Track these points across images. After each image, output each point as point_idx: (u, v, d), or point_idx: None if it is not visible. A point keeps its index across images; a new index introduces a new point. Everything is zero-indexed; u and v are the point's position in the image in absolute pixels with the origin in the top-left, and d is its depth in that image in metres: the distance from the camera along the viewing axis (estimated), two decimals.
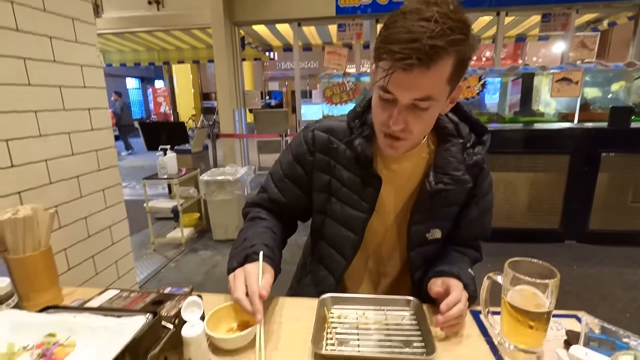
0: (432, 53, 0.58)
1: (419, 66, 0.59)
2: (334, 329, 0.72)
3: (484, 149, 0.81)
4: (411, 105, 0.66)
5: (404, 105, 0.66)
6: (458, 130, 0.82)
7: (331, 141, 0.84)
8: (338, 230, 0.86)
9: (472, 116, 0.84)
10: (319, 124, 0.87)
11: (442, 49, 0.58)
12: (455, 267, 0.80)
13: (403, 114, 0.67)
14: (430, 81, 0.62)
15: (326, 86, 3.27)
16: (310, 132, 0.86)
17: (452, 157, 0.79)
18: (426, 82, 0.62)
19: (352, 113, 0.84)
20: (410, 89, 0.63)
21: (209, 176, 3.11)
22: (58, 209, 1.01)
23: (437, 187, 0.78)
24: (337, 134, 0.84)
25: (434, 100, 0.65)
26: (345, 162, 0.83)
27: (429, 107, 0.66)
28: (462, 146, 0.81)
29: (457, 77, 0.66)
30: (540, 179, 2.91)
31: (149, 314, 0.56)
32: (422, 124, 0.70)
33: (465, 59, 0.64)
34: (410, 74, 0.61)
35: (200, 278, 2.64)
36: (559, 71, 2.91)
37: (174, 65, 10.93)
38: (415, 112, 0.67)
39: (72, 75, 1.07)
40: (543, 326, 0.63)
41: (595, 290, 2.26)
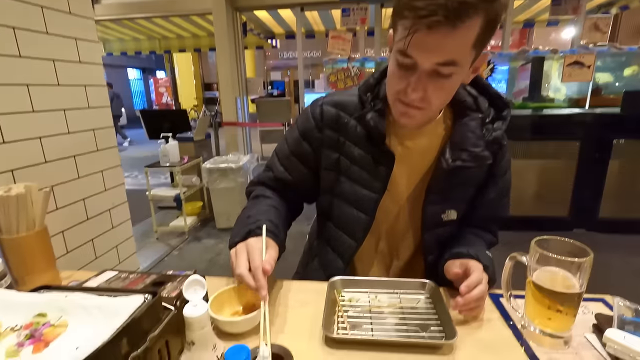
0: (461, 10, 0.52)
1: (445, 25, 0.53)
2: (346, 312, 0.68)
3: (504, 125, 0.76)
4: (432, 72, 0.60)
5: (424, 71, 0.60)
6: (477, 104, 0.76)
7: (341, 116, 0.79)
8: (348, 211, 0.82)
9: (492, 89, 0.79)
10: (328, 98, 0.82)
11: (471, 7, 0.53)
12: (473, 249, 0.76)
13: (423, 81, 0.61)
14: (456, 43, 0.57)
15: (330, 72, 3.19)
16: (318, 107, 0.81)
17: (471, 133, 0.74)
18: (451, 44, 0.56)
19: (364, 85, 0.78)
20: (433, 51, 0.57)
21: (212, 164, 3.07)
22: (54, 190, 0.97)
23: (454, 164, 0.73)
24: (347, 108, 0.79)
25: (457, 66, 0.60)
26: (356, 139, 0.78)
27: (451, 74, 0.61)
28: (481, 121, 0.76)
29: (484, 41, 0.60)
30: (549, 166, 2.84)
31: (148, 294, 0.52)
32: (443, 93, 0.65)
33: (496, 19, 0.57)
34: (435, 34, 0.55)
35: (203, 266, 2.62)
36: (570, 54, 2.82)
37: (175, 54, 10.82)
38: (436, 80, 0.61)
39: (66, 48, 1.01)
40: (573, 310, 0.58)
41: (605, 280, 2.21)
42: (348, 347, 0.60)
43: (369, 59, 3.21)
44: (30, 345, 0.41)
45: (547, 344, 0.60)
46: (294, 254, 1.01)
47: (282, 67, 13.48)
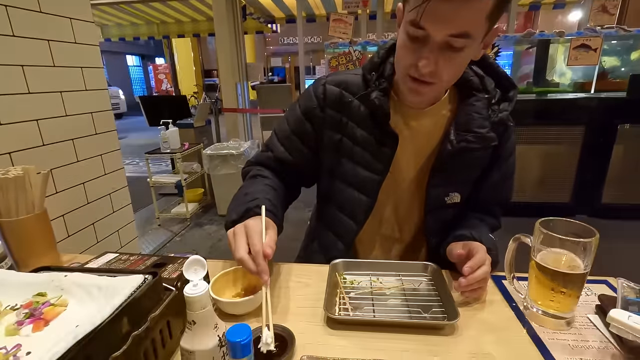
0: None
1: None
2: (347, 294, 0.68)
3: (510, 106, 0.74)
4: (444, 44, 0.58)
5: (436, 44, 0.58)
6: (483, 84, 0.74)
7: (344, 96, 0.77)
8: (349, 193, 0.80)
9: (499, 69, 0.76)
10: (332, 77, 0.80)
11: None
12: (475, 231, 0.75)
13: (434, 53, 0.59)
14: (471, 13, 0.55)
15: (331, 56, 3.14)
16: (321, 85, 0.79)
17: (477, 113, 0.72)
18: (466, 14, 0.55)
19: (369, 64, 0.76)
20: (447, 22, 0.55)
21: (212, 150, 3.05)
22: (53, 173, 0.96)
23: (459, 145, 0.72)
24: (351, 87, 0.77)
25: (470, 38, 0.58)
26: (359, 119, 0.76)
27: (463, 48, 0.59)
28: (487, 102, 0.74)
29: (498, 14, 0.59)
30: (552, 151, 2.81)
31: (149, 274, 0.52)
32: (453, 68, 0.63)
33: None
34: (450, 3, 0.53)
35: (205, 252, 2.63)
36: (577, 37, 2.76)
37: (174, 40, 10.66)
38: (447, 53, 0.59)
39: (61, 28, 0.98)
40: (577, 291, 0.58)
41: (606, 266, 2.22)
42: (350, 328, 0.60)
43: (371, 43, 3.15)
44: (30, 324, 0.41)
45: (549, 325, 0.60)
46: (296, 242, 1.00)
47: (282, 53, 13.30)
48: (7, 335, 0.40)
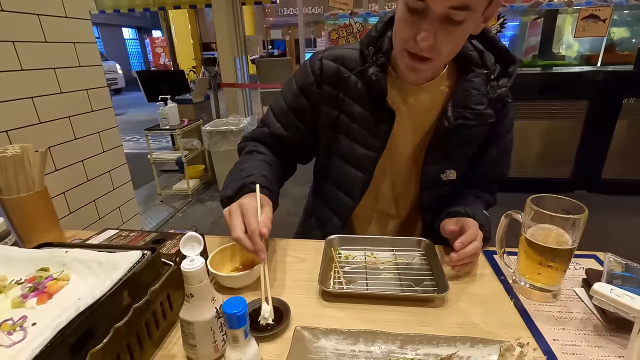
0: None
1: None
2: (342, 268, 0.70)
3: (509, 82, 0.73)
4: (443, 17, 0.57)
5: (436, 16, 0.57)
6: (483, 59, 0.73)
7: (341, 71, 0.76)
8: (345, 170, 0.81)
9: (499, 43, 0.75)
10: (328, 52, 0.78)
11: None
12: (469, 207, 0.76)
13: (434, 27, 0.58)
14: None
15: (332, 28, 3.05)
16: (317, 60, 0.78)
17: (475, 89, 0.72)
18: None
19: (366, 38, 0.75)
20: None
21: (212, 126, 3.03)
22: (52, 151, 0.97)
23: (456, 122, 0.71)
24: (348, 63, 0.76)
25: (471, 10, 0.56)
26: (356, 96, 0.75)
27: (463, 21, 0.58)
28: (486, 77, 0.73)
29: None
30: (555, 126, 2.78)
31: (147, 250, 0.54)
32: (452, 42, 0.62)
33: None
34: None
35: (207, 228, 2.68)
36: (586, 7, 2.66)
37: (170, 12, 10.34)
38: (447, 27, 0.58)
39: (51, 2, 0.96)
40: (564, 265, 0.59)
41: (604, 239, 2.25)
42: (343, 300, 0.62)
43: (373, 14, 3.05)
44: (35, 297, 0.43)
45: (536, 298, 0.62)
46: (295, 217, 1.02)
47: (282, 24, 12.91)
48: (14, 308, 0.42)
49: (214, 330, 0.48)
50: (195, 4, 6.76)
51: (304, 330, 0.52)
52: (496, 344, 0.49)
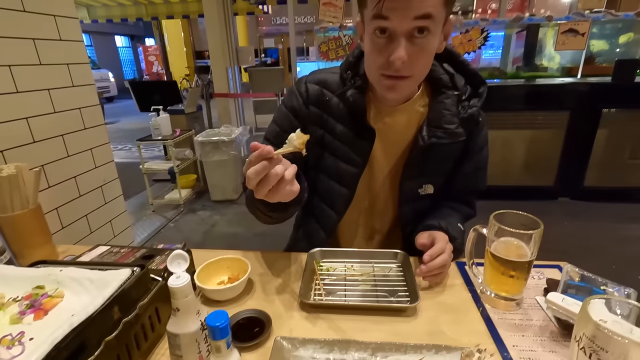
0: None
1: None
2: (323, 280, 0.74)
3: (479, 102, 0.79)
4: (410, 33, 0.62)
5: (402, 34, 0.62)
6: (453, 81, 0.79)
7: (324, 94, 0.81)
8: (330, 185, 0.86)
9: (469, 67, 0.80)
10: (312, 76, 0.84)
11: None
12: (444, 221, 0.81)
13: (403, 45, 0.62)
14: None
15: (322, 41, 3.12)
16: (303, 84, 0.83)
17: (446, 110, 0.77)
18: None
19: (345, 63, 0.80)
20: (411, 6, 0.59)
21: (204, 137, 3.07)
22: (45, 169, 1.00)
23: (430, 141, 0.77)
24: (330, 86, 0.81)
25: (433, 20, 0.61)
26: (338, 115, 0.81)
27: (428, 34, 0.63)
28: (457, 98, 0.78)
29: (450, 4, 0.64)
30: (538, 136, 2.88)
31: (137, 267, 0.57)
32: (423, 56, 0.66)
33: None
34: None
35: (199, 237, 2.70)
36: (565, 22, 2.77)
37: (163, 21, 10.40)
38: (415, 42, 0.63)
39: (46, 26, 1.00)
40: (524, 275, 0.64)
41: (584, 245, 2.33)
42: (323, 311, 0.66)
43: None
44: (32, 314, 0.47)
45: (501, 306, 0.67)
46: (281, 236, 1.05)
47: (275, 33, 13.04)
48: (12, 324, 0.45)
49: (199, 341, 0.52)
50: (188, 14, 6.85)
51: (283, 340, 0.56)
52: (458, 350, 0.53)
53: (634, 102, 2.71)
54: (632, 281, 1.91)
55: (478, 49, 2.94)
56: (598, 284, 0.65)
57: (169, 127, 3.09)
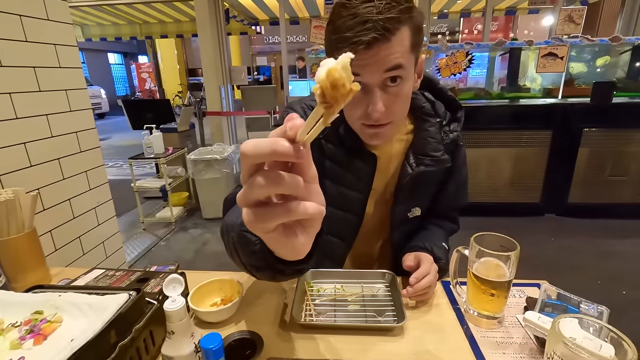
0: (389, 24, 0.58)
1: (379, 40, 0.58)
2: (313, 301, 0.77)
3: (459, 126, 0.83)
4: (383, 84, 0.64)
5: (376, 86, 0.64)
6: (435, 109, 0.83)
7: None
8: (335, 214, 0.84)
9: (446, 93, 0.85)
10: (309, 100, 0.84)
11: (395, 19, 0.58)
12: (429, 242, 0.84)
13: (379, 96, 0.64)
14: (395, 50, 0.61)
15: (313, 62, 3.21)
16: (300, 107, 0.82)
17: (431, 138, 0.80)
18: (392, 50, 0.60)
19: None
20: (379, 62, 0.61)
21: (196, 155, 3.09)
22: (40, 192, 1.01)
23: (418, 169, 0.79)
24: None
25: (404, 69, 0.63)
26: (337, 142, 0.81)
27: (401, 79, 0.64)
28: (439, 125, 0.82)
29: (418, 45, 0.66)
30: (523, 154, 2.97)
31: (133, 291, 0.59)
32: (400, 101, 0.68)
33: (419, 25, 0.64)
34: (374, 49, 0.59)
35: (190, 256, 2.69)
36: (545, 46, 2.91)
37: (157, 39, 10.54)
38: (390, 90, 0.65)
39: (46, 55, 1.04)
40: (504, 294, 0.68)
41: (570, 261, 2.38)
42: (313, 331, 0.68)
43: None
44: (31, 339, 0.48)
45: (483, 325, 0.70)
46: None
47: (268, 51, 13.28)
48: (12, 349, 0.47)
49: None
50: (182, 33, 6.97)
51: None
52: None
53: (612, 121, 2.84)
54: (618, 296, 1.98)
55: (464, 70, 3.06)
56: (573, 302, 0.68)
57: (162, 145, 3.11)
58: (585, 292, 0.70)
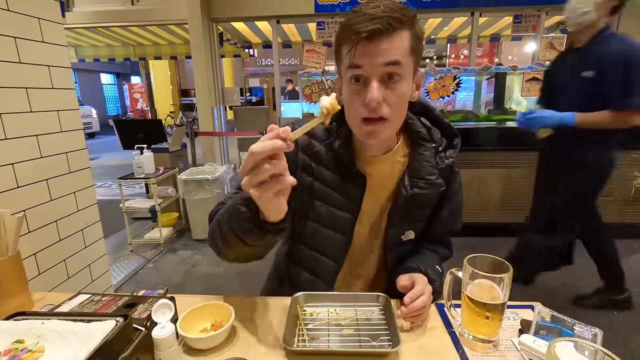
0: (392, 22, 0.64)
1: (382, 33, 0.64)
2: (306, 325, 0.75)
3: (455, 152, 0.85)
4: (383, 77, 0.68)
5: (376, 78, 0.67)
6: (430, 134, 0.85)
7: (311, 143, 0.84)
8: (325, 234, 0.85)
9: (442, 120, 0.87)
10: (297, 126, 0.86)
11: (398, 20, 0.65)
12: (423, 264, 0.84)
13: (377, 86, 0.68)
14: (395, 45, 0.66)
15: (305, 84, 3.28)
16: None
17: (426, 162, 0.82)
18: (392, 46, 0.66)
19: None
20: (379, 54, 0.66)
21: (188, 175, 3.07)
22: (27, 213, 0.99)
23: (412, 191, 0.81)
24: (317, 137, 0.84)
25: (402, 67, 0.67)
26: (327, 164, 0.82)
27: (399, 80, 0.68)
28: (434, 150, 0.84)
29: (417, 52, 0.71)
30: (511, 174, 3.02)
31: (120, 317, 0.57)
32: (396, 99, 0.70)
33: (420, 35, 0.70)
34: (376, 41, 0.65)
35: (179, 278, 2.62)
36: (528, 71, 3.03)
37: (150, 61, 10.66)
38: (388, 87, 0.68)
39: (39, 76, 1.04)
40: (498, 316, 0.67)
41: (563, 280, 2.39)
42: (306, 357, 0.66)
43: None
44: None
45: (479, 349, 0.69)
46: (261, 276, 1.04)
47: (260, 73, 13.51)
48: None
49: None
50: (176, 55, 7.06)
51: None
52: None
53: None
54: (610, 317, 1.98)
55: (452, 93, 3.15)
56: (567, 324, 0.68)
57: (152, 165, 3.08)
58: (577, 312, 0.70)
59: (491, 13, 4.27)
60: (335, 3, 4.06)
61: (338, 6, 4.06)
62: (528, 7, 3.90)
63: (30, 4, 1.01)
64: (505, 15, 4.44)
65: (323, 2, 4.06)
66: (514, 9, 3.98)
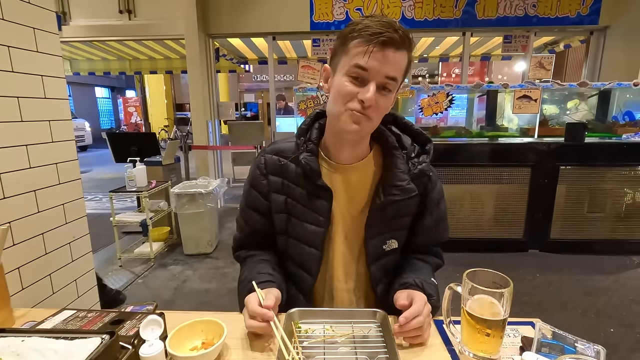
0: (403, 37, 0.69)
1: (396, 44, 0.68)
2: (301, 343, 0.72)
3: (428, 158, 0.85)
4: (379, 86, 0.72)
5: (374, 84, 0.71)
6: (400, 142, 0.86)
7: (280, 160, 0.86)
8: (300, 248, 0.87)
9: (413, 127, 0.89)
10: (269, 148, 0.90)
11: (406, 39, 0.70)
12: (419, 278, 0.82)
13: (373, 91, 0.71)
14: (398, 62, 0.71)
15: (300, 99, 3.31)
16: (261, 157, 0.89)
17: (397, 169, 0.83)
18: (396, 61, 0.70)
19: (299, 131, 0.87)
20: (387, 63, 0.70)
21: (180, 189, 3.04)
22: (12, 225, 0.95)
23: (386, 199, 0.82)
24: (286, 153, 0.87)
25: (396, 82, 0.73)
26: (295, 179, 0.85)
27: (388, 94, 0.74)
28: (406, 157, 0.85)
29: (406, 75, 0.75)
30: (504, 190, 3.04)
31: (106, 334, 0.54)
32: (382, 106, 0.75)
33: (411, 61, 0.75)
34: (387, 50, 0.68)
35: (169, 294, 2.55)
36: (519, 89, 3.09)
37: (146, 75, 10.71)
38: (381, 94, 0.73)
39: (32, 86, 1.02)
40: (499, 333, 0.66)
41: (557, 297, 2.38)
42: None
43: None
44: None
45: None
46: None
47: (255, 89, 13.63)
48: None
49: None
50: (172, 70, 7.11)
51: None
52: None
53: (586, 159, 2.97)
54: (606, 334, 1.96)
55: (445, 110, 3.20)
56: (569, 341, 0.67)
57: (145, 178, 3.04)
58: (575, 329, 0.68)
59: (482, 33, 4.40)
60: (330, 21, 4.15)
61: (333, 24, 4.15)
62: (517, 28, 4.04)
63: (26, 14, 1.01)
64: (495, 35, 4.58)
65: (319, 20, 4.15)
66: (504, 29, 4.11)
